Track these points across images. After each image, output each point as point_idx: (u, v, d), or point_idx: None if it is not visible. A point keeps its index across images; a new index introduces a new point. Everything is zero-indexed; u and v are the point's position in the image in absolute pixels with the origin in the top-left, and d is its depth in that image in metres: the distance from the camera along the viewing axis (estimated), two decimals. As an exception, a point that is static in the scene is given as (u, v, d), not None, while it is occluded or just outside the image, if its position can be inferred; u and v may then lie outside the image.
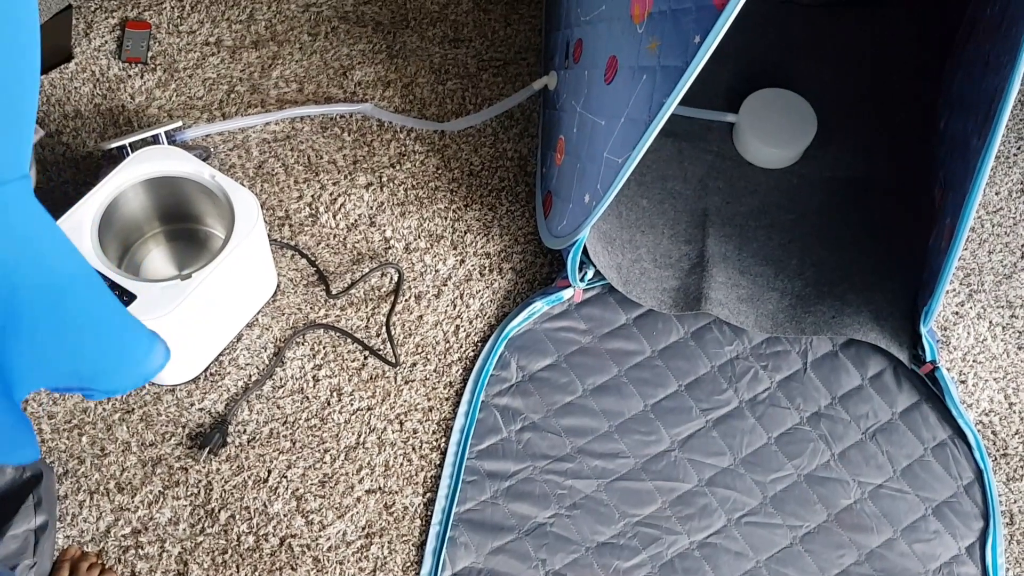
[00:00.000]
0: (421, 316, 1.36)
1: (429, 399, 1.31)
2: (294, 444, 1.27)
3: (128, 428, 1.26)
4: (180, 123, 1.42)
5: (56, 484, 1.21)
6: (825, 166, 1.49)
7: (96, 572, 1.15)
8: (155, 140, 1.38)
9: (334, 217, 1.42)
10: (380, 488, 1.25)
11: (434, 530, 1.22)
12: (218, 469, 1.25)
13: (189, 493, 1.23)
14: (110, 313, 0.93)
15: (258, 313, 1.34)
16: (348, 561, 1.21)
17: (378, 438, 1.28)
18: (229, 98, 1.50)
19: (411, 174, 1.46)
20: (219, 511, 1.22)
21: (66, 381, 0.89)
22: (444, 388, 1.32)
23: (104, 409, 1.27)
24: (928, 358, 1.30)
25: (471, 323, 1.36)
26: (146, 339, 1.02)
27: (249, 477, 1.24)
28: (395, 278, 1.39)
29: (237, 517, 1.22)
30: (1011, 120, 1.61)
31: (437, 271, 1.40)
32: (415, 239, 1.42)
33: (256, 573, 1.20)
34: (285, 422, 1.28)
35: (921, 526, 1.26)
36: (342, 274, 1.38)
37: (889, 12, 1.59)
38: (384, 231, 1.42)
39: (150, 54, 1.52)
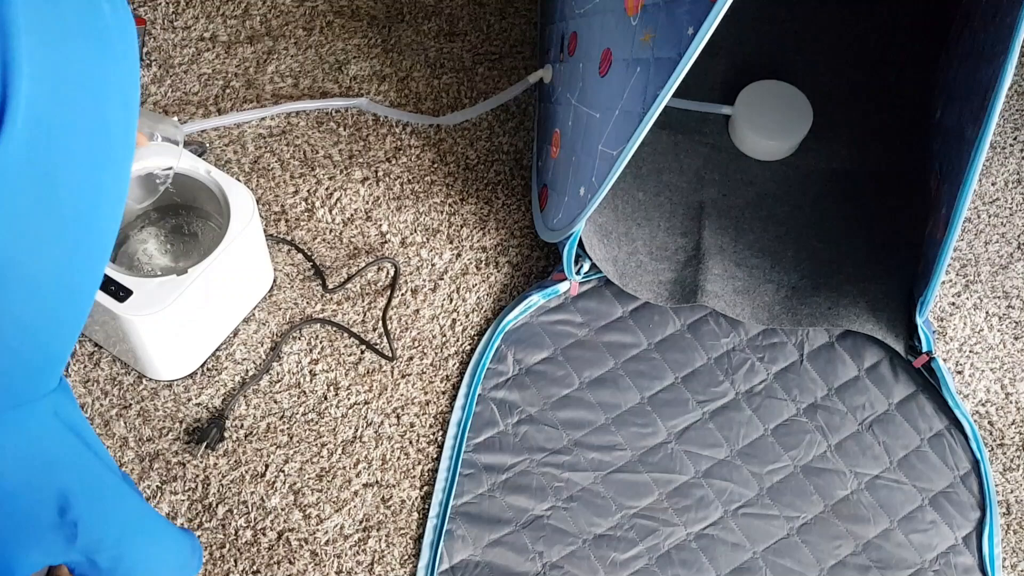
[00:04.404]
0: (417, 310, 1.36)
1: (426, 393, 1.31)
2: (291, 438, 1.27)
3: (125, 423, 1.26)
4: (175, 119, 1.42)
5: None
6: (821, 158, 1.49)
7: (95, 568, 1.16)
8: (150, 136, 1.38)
9: (330, 212, 1.42)
10: (377, 482, 1.25)
11: (431, 523, 1.22)
12: (215, 464, 1.25)
13: (186, 488, 1.23)
14: (136, 520, 0.92)
15: (254, 308, 1.34)
16: (346, 555, 1.21)
17: (375, 432, 1.28)
18: (224, 93, 1.50)
19: (407, 168, 1.46)
20: (216, 506, 1.23)
21: (78, 571, 0.88)
22: (441, 382, 1.32)
23: (101, 405, 1.27)
24: (924, 349, 1.31)
25: (467, 317, 1.36)
26: (174, 548, 1.01)
27: (246, 472, 1.25)
28: (391, 272, 1.39)
29: (235, 511, 1.22)
30: (1008, 111, 1.61)
31: (433, 265, 1.40)
32: (411, 233, 1.42)
33: (254, 567, 1.20)
34: (282, 417, 1.28)
35: (918, 516, 1.26)
36: (338, 269, 1.39)
37: (884, 3, 1.59)
38: (380, 225, 1.42)
39: (145, 50, 1.52)
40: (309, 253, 1.39)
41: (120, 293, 1.15)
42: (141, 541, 0.95)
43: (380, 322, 1.35)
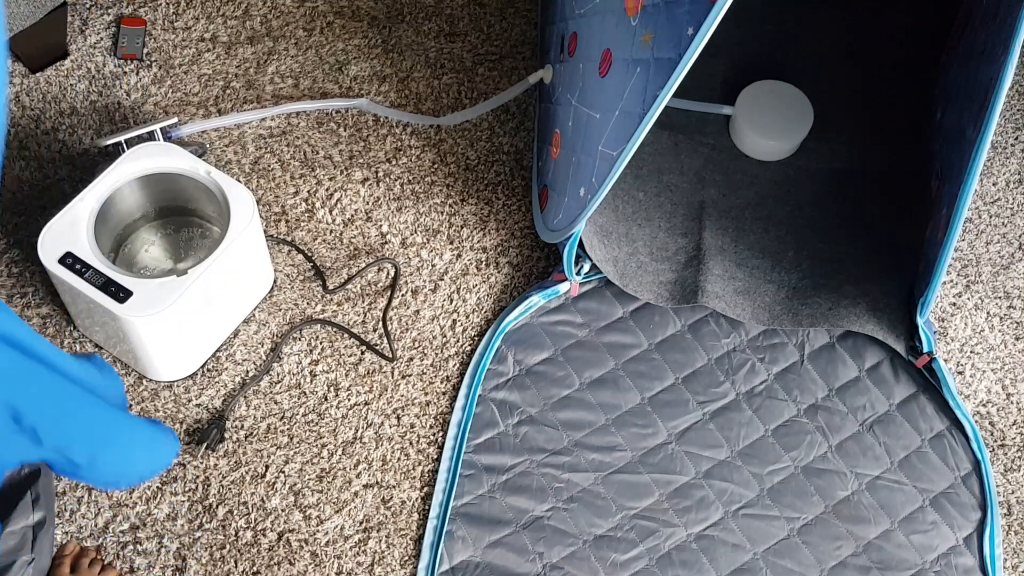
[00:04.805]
0: (418, 311, 1.36)
1: (426, 393, 1.31)
2: (291, 439, 1.27)
3: (126, 424, 1.26)
4: (175, 119, 1.42)
5: (54, 480, 1.21)
6: (822, 158, 1.49)
7: (96, 568, 1.16)
8: (151, 137, 1.38)
9: (330, 212, 1.42)
10: (378, 483, 1.25)
11: (432, 524, 1.22)
12: (216, 465, 1.25)
13: (187, 489, 1.23)
14: (102, 420, 0.95)
15: (255, 309, 1.34)
16: (346, 556, 1.21)
17: (375, 433, 1.28)
18: (225, 94, 1.50)
19: (407, 169, 1.46)
20: (217, 506, 1.22)
21: (58, 467, 0.91)
22: (441, 382, 1.32)
23: (102, 405, 1.27)
24: (925, 349, 1.30)
25: (468, 317, 1.36)
26: (148, 439, 1.04)
27: (247, 472, 1.25)
28: (392, 273, 1.39)
29: (235, 512, 1.22)
30: (1009, 111, 1.61)
31: (434, 266, 1.40)
32: (411, 234, 1.42)
33: (254, 568, 1.20)
34: (282, 417, 1.28)
35: (919, 517, 1.26)
36: (339, 269, 1.38)
37: (884, 3, 1.59)
38: (380, 226, 1.42)
39: (145, 51, 1.52)
40: (309, 254, 1.39)
41: (120, 294, 1.15)
42: (112, 437, 0.98)
43: (380, 323, 1.35)
